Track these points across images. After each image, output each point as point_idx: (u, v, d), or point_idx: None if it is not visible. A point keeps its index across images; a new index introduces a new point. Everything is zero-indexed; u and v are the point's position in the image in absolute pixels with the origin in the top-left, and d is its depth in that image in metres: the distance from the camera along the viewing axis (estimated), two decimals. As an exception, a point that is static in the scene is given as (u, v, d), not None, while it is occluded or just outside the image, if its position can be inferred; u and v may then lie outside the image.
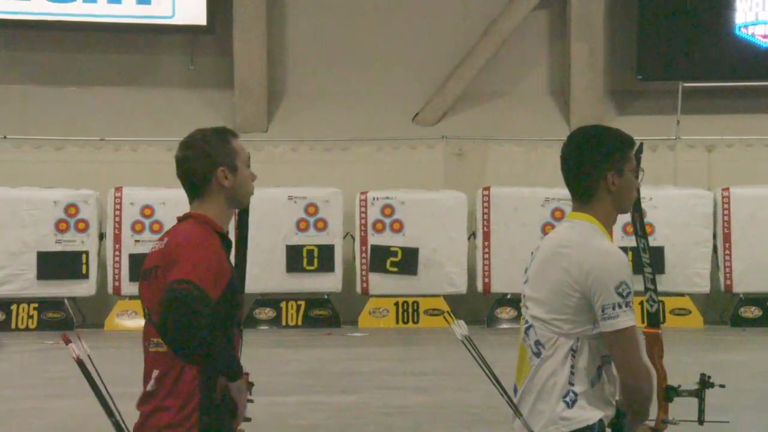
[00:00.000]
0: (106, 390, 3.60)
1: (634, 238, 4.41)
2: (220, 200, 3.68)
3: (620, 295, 3.54)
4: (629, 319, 3.55)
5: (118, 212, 16.48)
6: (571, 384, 3.61)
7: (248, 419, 3.65)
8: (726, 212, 16.53)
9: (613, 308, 3.53)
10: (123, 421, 3.61)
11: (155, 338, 3.57)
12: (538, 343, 3.69)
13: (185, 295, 3.36)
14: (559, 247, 3.70)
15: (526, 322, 3.77)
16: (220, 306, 3.50)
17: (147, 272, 3.64)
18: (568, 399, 3.62)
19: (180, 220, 3.73)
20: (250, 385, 3.62)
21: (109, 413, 3.60)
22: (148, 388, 3.57)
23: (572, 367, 3.62)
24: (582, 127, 4.01)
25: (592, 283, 3.58)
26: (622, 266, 3.59)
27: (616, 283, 3.55)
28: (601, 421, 3.65)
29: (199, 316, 3.35)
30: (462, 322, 3.82)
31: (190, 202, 3.73)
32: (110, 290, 16.46)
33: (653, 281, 4.34)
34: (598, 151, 3.76)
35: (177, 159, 3.73)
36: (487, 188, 16.74)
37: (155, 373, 3.56)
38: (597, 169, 3.74)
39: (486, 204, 16.60)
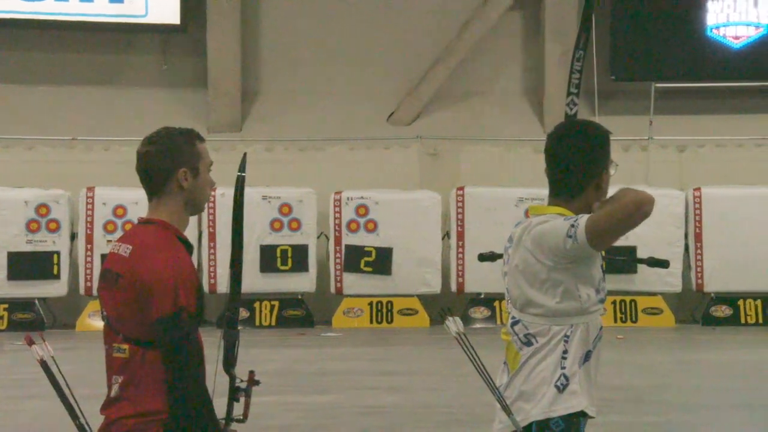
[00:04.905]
0: (71, 392, 3.57)
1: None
2: (178, 202, 3.63)
3: (568, 223, 3.65)
4: (585, 217, 3.64)
5: (90, 212, 16.38)
6: (563, 368, 3.69)
7: (241, 420, 3.64)
8: (697, 212, 16.62)
9: (571, 226, 3.63)
10: (88, 425, 3.59)
11: (117, 344, 3.54)
12: (528, 335, 3.75)
13: (188, 331, 3.42)
14: (524, 234, 3.80)
15: (513, 317, 3.80)
16: (198, 317, 3.50)
17: (108, 276, 3.61)
18: (559, 383, 3.68)
19: (141, 222, 3.69)
20: (255, 382, 3.62)
21: (74, 416, 3.57)
22: (112, 394, 3.55)
23: (564, 352, 3.70)
24: (572, 123, 4.03)
25: (542, 237, 3.69)
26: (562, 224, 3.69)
27: (563, 224, 3.67)
28: (584, 413, 3.70)
29: (200, 355, 3.43)
30: (458, 319, 3.82)
31: (149, 200, 3.68)
32: (82, 291, 16.36)
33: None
34: (593, 150, 3.80)
35: (139, 154, 3.66)
36: (461, 188, 16.75)
37: (119, 379, 3.53)
38: (593, 167, 3.78)
39: (460, 204, 16.62)
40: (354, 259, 16.54)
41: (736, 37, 18.37)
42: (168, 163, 3.60)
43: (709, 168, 17.75)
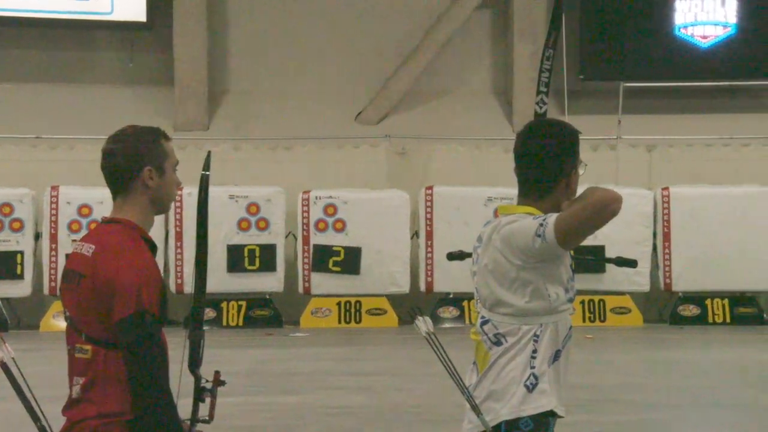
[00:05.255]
0: (32, 394, 3.53)
1: None
2: (143, 201, 3.60)
3: (537, 222, 3.65)
4: (553, 216, 3.64)
5: (54, 211, 16.25)
6: (532, 367, 3.70)
7: (207, 421, 3.61)
8: (666, 212, 16.71)
9: (540, 225, 3.63)
10: (49, 427, 3.55)
11: (80, 344, 3.51)
12: (498, 335, 3.75)
13: (151, 332, 3.38)
14: (494, 233, 3.80)
15: (482, 317, 3.79)
16: (161, 318, 3.48)
17: (70, 276, 3.57)
18: (528, 383, 3.68)
19: (105, 221, 3.65)
20: (221, 383, 3.60)
21: (35, 418, 3.54)
22: (74, 395, 3.51)
23: (533, 351, 3.71)
24: (542, 122, 4.04)
25: (511, 237, 3.69)
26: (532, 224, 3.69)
27: (532, 223, 3.67)
28: (553, 413, 3.71)
29: (164, 356, 3.39)
30: (428, 318, 3.81)
31: (113, 199, 3.64)
32: (46, 291, 16.22)
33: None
34: (564, 149, 3.81)
35: (104, 152, 3.62)
36: (430, 187, 16.76)
37: (81, 380, 3.50)
38: (562, 167, 3.79)
39: (429, 203, 16.63)
40: (322, 258, 16.50)
41: (704, 37, 18.49)
42: (133, 162, 3.56)
43: (678, 167, 17.86)
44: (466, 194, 16.61)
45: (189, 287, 15.96)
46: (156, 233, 3.79)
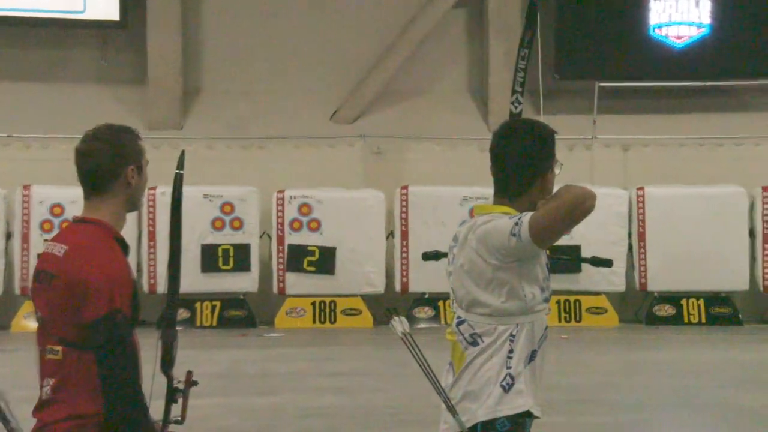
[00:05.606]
0: (1, 395, 3.50)
1: None
2: (120, 201, 3.59)
3: (512, 222, 3.65)
4: (528, 215, 3.64)
5: (26, 211, 16.15)
6: (509, 367, 3.70)
7: (179, 422, 3.59)
8: (641, 211, 16.78)
9: (515, 224, 3.62)
10: (20, 428, 3.52)
11: (51, 345, 3.49)
12: (474, 335, 3.76)
13: (123, 334, 3.37)
14: (469, 233, 3.80)
15: (458, 317, 3.79)
16: (133, 319, 3.46)
17: (41, 276, 3.55)
18: (504, 383, 3.68)
19: (76, 221, 3.62)
20: (193, 383, 3.59)
21: (5, 420, 3.51)
22: (44, 396, 3.50)
23: (510, 351, 3.72)
24: (518, 121, 4.04)
25: (487, 236, 3.69)
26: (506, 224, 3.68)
27: (507, 222, 3.66)
28: (530, 413, 3.71)
29: (136, 357, 3.38)
30: (403, 319, 3.81)
31: (87, 199, 3.62)
32: (17, 291, 16.11)
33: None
34: (540, 148, 3.82)
35: (82, 151, 3.60)
36: (405, 187, 16.77)
37: (51, 381, 3.48)
38: (537, 166, 3.80)
39: (404, 203, 16.63)
40: (297, 258, 16.47)
41: (679, 37, 18.57)
42: (117, 161, 3.57)
43: (653, 167, 17.93)
44: (442, 194, 16.62)
45: (162, 287, 15.88)
46: (128, 233, 3.77)
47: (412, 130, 18.29)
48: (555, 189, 3.79)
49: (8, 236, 16.27)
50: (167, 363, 3.57)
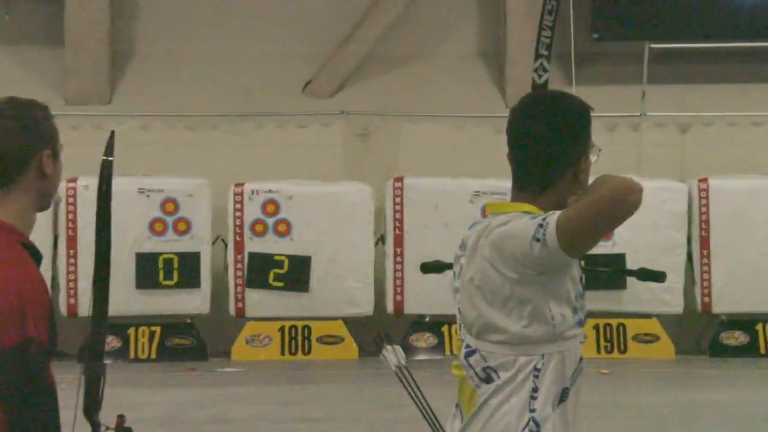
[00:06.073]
0: None
1: None
2: (30, 196, 3.58)
3: (536, 223, 3.63)
4: (556, 215, 3.62)
5: None
6: (532, 410, 3.71)
7: None
8: (704, 210, 16.79)
9: (539, 227, 3.60)
10: None
11: None
12: (488, 369, 3.77)
13: (39, 368, 3.36)
14: (481, 238, 3.80)
15: (467, 346, 3.81)
16: (50, 349, 3.47)
17: None
18: (528, 431, 3.70)
19: None
20: (126, 430, 3.61)
21: None
22: None
23: (533, 390, 3.72)
24: (543, 95, 4.05)
25: (503, 242, 3.69)
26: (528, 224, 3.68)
27: (529, 224, 3.64)
28: None
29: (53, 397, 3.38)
30: (398, 348, 3.84)
31: None
32: None
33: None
34: (571, 130, 3.84)
35: None
36: (400, 179, 16.78)
37: None
38: (568, 152, 3.82)
39: (398, 199, 16.65)
40: (260, 271, 16.49)
41: (753, -16, 18.58)
42: (30, 143, 3.55)
43: (719, 153, 17.96)
44: (446, 188, 16.64)
45: (85, 308, 15.87)
46: (40, 238, 3.77)
47: (406, 106, 18.31)
48: (590, 181, 3.81)
49: None
50: (92, 405, 3.58)
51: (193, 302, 16.50)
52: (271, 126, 18.09)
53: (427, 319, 16.56)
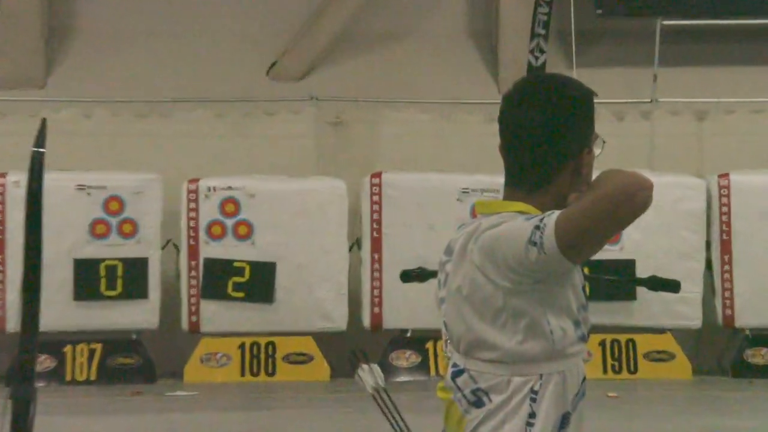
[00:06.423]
0: None
1: None
2: None
3: (531, 225, 3.63)
4: (555, 214, 3.63)
5: None
6: None
7: None
8: (725, 210, 16.83)
9: (535, 229, 3.60)
10: None
11: None
12: (478, 391, 3.77)
13: None
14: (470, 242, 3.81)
15: (455, 365, 3.81)
16: None
17: None
18: None
19: None
20: None
21: None
22: None
23: (530, 415, 3.73)
24: (540, 79, 4.06)
25: (495, 246, 3.69)
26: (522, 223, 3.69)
27: (524, 226, 3.65)
28: None
29: None
30: (375, 367, 3.84)
31: None
32: None
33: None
34: (571, 118, 3.85)
35: None
36: (378, 174, 16.80)
37: None
38: (568, 144, 3.83)
39: (376, 197, 16.66)
40: (218, 279, 16.48)
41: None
42: None
43: (741, 144, 18.02)
44: (431, 184, 16.66)
45: (13, 323, 15.84)
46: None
47: (386, 91, 18.33)
48: (594, 176, 3.81)
49: None
50: None
51: (140, 315, 16.48)
52: (231, 114, 18.08)
53: (409, 334, 16.57)
